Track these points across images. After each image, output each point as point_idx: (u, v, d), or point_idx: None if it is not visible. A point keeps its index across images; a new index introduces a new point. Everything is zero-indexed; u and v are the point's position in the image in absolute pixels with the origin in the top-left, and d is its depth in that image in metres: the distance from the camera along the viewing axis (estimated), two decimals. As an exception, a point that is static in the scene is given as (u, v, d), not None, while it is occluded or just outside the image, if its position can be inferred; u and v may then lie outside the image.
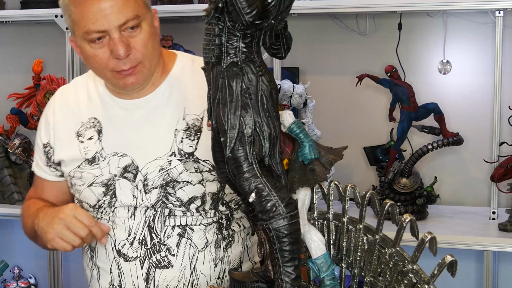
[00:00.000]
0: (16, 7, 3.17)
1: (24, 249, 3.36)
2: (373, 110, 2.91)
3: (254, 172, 1.08)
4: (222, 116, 1.08)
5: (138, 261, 1.60)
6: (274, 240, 1.08)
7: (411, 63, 2.86)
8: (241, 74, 1.07)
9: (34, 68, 3.01)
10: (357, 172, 2.95)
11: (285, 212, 1.06)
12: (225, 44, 1.08)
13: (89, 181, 1.64)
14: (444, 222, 2.56)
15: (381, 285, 1.14)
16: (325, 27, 2.92)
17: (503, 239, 2.37)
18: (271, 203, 1.07)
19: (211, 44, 1.09)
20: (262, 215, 1.08)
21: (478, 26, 2.77)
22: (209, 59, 1.10)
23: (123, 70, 1.53)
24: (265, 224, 1.07)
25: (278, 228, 1.07)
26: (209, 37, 1.09)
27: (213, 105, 1.09)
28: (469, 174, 2.84)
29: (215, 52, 1.09)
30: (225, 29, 1.07)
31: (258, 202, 1.08)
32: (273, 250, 1.09)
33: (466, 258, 2.75)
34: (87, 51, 1.53)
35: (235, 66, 1.09)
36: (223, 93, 1.09)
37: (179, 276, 1.60)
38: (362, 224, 1.20)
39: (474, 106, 2.81)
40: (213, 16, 1.06)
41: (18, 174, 2.99)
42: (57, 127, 1.70)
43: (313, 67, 2.98)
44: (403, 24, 2.82)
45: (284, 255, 1.08)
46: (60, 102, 1.73)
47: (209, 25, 1.08)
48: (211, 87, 1.11)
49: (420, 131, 2.63)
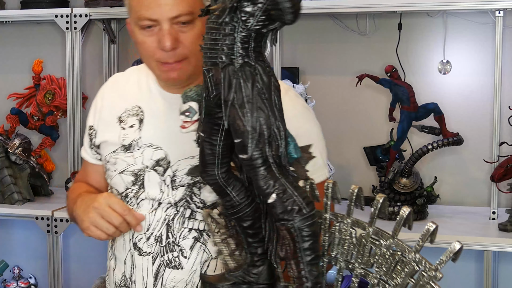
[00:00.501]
0: (16, 7, 3.17)
1: (24, 249, 3.36)
2: (373, 110, 2.91)
3: (273, 172, 1.09)
4: (241, 117, 1.07)
5: (150, 257, 1.60)
6: (298, 239, 1.08)
7: (411, 63, 2.86)
8: (255, 74, 1.07)
9: (34, 68, 3.02)
10: (357, 172, 2.95)
11: (308, 211, 1.07)
12: (238, 44, 1.07)
13: (121, 168, 1.65)
14: (444, 222, 2.56)
15: (375, 275, 1.15)
16: (325, 27, 2.92)
17: (503, 239, 2.37)
18: (293, 203, 1.08)
19: (221, 44, 1.08)
20: (284, 215, 1.08)
21: (478, 26, 2.77)
22: (217, 60, 1.09)
23: (167, 62, 1.52)
24: (289, 224, 1.08)
25: (302, 228, 1.07)
26: (216, 36, 1.08)
27: (225, 106, 1.08)
28: (469, 174, 2.84)
29: (226, 52, 1.08)
30: (238, 29, 1.07)
31: (279, 202, 1.08)
32: (296, 250, 1.09)
33: (466, 258, 2.75)
34: (137, 37, 1.54)
35: (249, 66, 1.09)
36: (238, 94, 1.08)
37: (187, 279, 1.59)
38: (350, 219, 1.20)
39: (474, 106, 2.81)
40: (228, 15, 1.05)
41: (18, 174, 2.99)
42: (103, 110, 1.73)
43: (313, 67, 2.98)
44: (403, 24, 2.82)
45: (307, 254, 1.09)
46: (111, 87, 1.76)
47: (217, 25, 1.07)
48: (212, 88, 1.10)
49: (420, 131, 2.63)
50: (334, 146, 2.82)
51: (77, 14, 2.91)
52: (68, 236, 3.14)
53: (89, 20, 2.93)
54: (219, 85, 1.10)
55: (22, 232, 3.37)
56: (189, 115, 1.20)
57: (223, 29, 1.07)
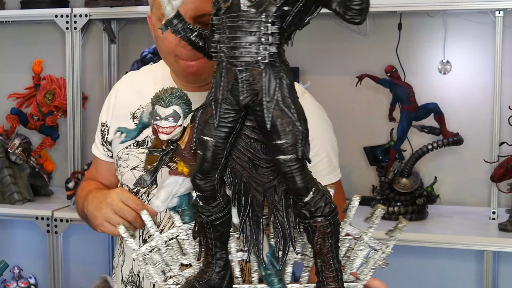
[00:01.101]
0: (16, 7, 3.17)
1: (24, 249, 3.36)
2: (373, 110, 2.91)
3: (308, 171, 1.11)
4: (291, 117, 1.07)
5: None
6: (331, 235, 1.11)
7: (411, 63, 2.86)
8: (289, 73, 1.08)
9: (34, 68, 3.02)
10: (357, 172, 2.95)
11: (335, 207, 1.11)
12: (276, 43, 1.07)
13: (134, 164, 1.65)
14: (444, 222, 2.56)
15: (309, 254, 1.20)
16: (325, 27, 2.92)
17: (503, 239, 2.37)
18: (327, 200, 1.11)
19: (263, 43, 1.07)
20: (318, 212, 1.10)
21: (478, 26, 2.77)
22: (256, 59, 1.07)
23: (186, 59, 1.53)
24: (327, 220, 1.09)
25: (336, 222, 1.11)
26: (253, 35, 1.07)
27: (267, 107, 1.07)
28: (469, 174, 2.84)
29: (268, 51, 1.07)
30: (273, 27, 1.06)
31: (315, 200, 1.10)
32: (327, 244, 1.11)
33: (466, 258, 2.75)
34: (159, 32, 1.55)
35: (285, 65, 1.09)
36: (281, 94, 1.07)
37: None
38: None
39: (474, 106, 2.81)
40: (274, 13, 1.04)
41: (18, 174, 2.99)
42: (117, 107, 1.73)
43: (313, 67, 2.98)
44: (403, 24, 2.82)
45: (337, 248, 1.13)
46: (126, 84, 1.76)
47: (254, 24, 1.06)
48: (244, 89, 1.08)
49: (420, 131, 2.63)
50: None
51: (77, 14, 2.91)
52: (68, 236, 3.14)
53: (89, 20, 2.93)
54: (253, 86, 1.08)
55: (22, 232, 3.37)
56: (173, 120, 1.19)
57: (265, 28, 1.06)
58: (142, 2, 2.84)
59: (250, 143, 1.16)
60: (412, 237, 2.37)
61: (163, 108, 1.18)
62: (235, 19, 1.07)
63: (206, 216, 1.21)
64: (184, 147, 1.22)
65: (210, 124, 1.13)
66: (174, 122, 1.19)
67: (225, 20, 1.08)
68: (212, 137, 1.13)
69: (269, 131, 1.07)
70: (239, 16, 1.06)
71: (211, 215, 1.20)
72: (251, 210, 1.21)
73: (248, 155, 1.17)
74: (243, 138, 1.17)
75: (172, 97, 1.19)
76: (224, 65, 1.09)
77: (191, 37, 1.21)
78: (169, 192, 1.25)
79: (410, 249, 2.59)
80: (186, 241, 1.30)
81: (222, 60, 1.10)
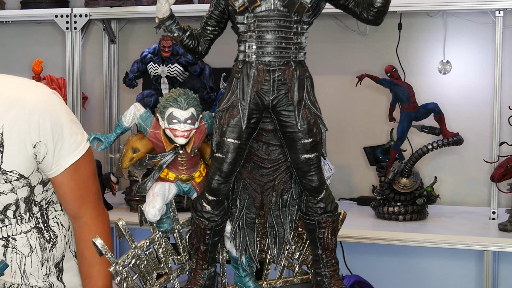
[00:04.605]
0: (16, 7, 3.17)
1: (24, 249, 3.36)
2: (373, 110, 2.91)
3: (321, 168, 1.13)
4: (319, 116, 1.08)
5: None
6: (336, 229, 1.16)
7: (411, 63, 2.86)
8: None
9: (34, 68, 3.01)
10: (357, 172, 2.95)
11: (337, 204, 1.18)
12: (306, 43, 1.08)
13: None
14: (444, 222, 2.56)
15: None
16: (326, 27, 2.92)
17: (503, 239, 2.37)
18: (332, 197, 1.13)
19: (295, 42, 1.06)
20: (328, 209, 1.12)
21: (478, 26, 2.77)
22: (289, 59, 1.07)
23: None
24: (334, 216, 1.12)
25: (338, 218, 1.16)
26: (284, 35, 1.06)
27: (298, 106, 1.07)
28: (469, 174, 2.84)
29: (298, 50, 1.07)
30: (307, 29, 1.07)
31: (327, 196, 1.12)
32: (332, 238, 1.15)
33: (466, 258, 2.75)
34: None
35: (304, 64, 1.10)
36: (308, 93, 1.08)
37: (11, 281, 1.67)
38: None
39: (474, 106, 2.81)
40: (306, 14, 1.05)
41: (18, 174, 2.99)
42: None
43: (313, 67, 2.96)
44: (403, 24, 2.82)
45: (336, 240, 1.17)
46: None
47: (288, 23, 1.05)
48: (275, 89, 1.08)
49: (420, 131, 2.63)
50: (334, 146, 2.82)
51: (77, 14, 2.91)
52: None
53: (89, 20, 2.92)
54: (284, 85, 1.08)
55: (22, 232, 3.36)
56: (191, 122, 1.15)
57: (295, 28, 1.06)
58: (142, 2, 2.84)
59: (254, 144, 1.16)
60: (412, 237, 2.36)
61: (182, 111, 1.13)
62: (265, 19, 1.06)
63: (210, 221, 1.19)
64: (184, 151, 1.19)
65: (236, 126, 1.11)
66: (192, 125, 1.14)
67: (253, 20, 1.07)
68: (237, 139, 1.11)
69: (296, 130, 1.07)
70: (270, 16, 1.05)
71: (216, 220, 1.19)
72: (246, 211, 1.21)
73: (250, 156, 1.17)
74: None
75: (190, 99, 1.14)
76: (254, 65, 1.08)
77: (184, 39, 1.20)
78: (163, 199, 1.23)
79: (410, 249, 2.59)
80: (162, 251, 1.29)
81: (250, 60, 1.09)
